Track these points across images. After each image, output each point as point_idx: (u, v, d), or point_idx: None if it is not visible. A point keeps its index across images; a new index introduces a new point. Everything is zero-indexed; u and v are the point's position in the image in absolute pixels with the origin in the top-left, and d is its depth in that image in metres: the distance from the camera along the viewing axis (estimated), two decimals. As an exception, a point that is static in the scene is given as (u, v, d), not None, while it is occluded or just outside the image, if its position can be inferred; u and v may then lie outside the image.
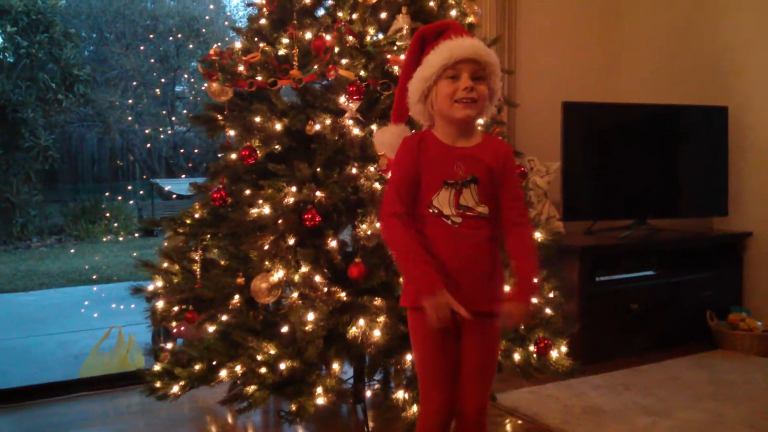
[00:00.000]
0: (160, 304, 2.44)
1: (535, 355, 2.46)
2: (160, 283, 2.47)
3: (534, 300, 1.72)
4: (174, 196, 11.09)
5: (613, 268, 3.69)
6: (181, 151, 12.71)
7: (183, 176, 11.93)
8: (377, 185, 2.25)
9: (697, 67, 4.21)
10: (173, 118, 12.96)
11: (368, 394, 2.51)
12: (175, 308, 2.43)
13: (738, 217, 4.04)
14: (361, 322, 2.15)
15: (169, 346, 2.60)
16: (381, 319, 2.16)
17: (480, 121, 2.48)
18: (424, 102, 1.64)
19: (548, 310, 2.58)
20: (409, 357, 2.20)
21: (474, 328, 1.65)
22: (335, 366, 2.22)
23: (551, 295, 2.61)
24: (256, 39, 2.49)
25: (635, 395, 2.98)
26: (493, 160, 1.63)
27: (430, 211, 1.61)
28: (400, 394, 2.22)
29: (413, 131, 1.79)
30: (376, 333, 2.14)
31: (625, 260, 3.78)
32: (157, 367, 2.48)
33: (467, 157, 1.62)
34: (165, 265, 2.49)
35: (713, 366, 3.40)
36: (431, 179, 1.61)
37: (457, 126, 1.63)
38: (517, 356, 2.44)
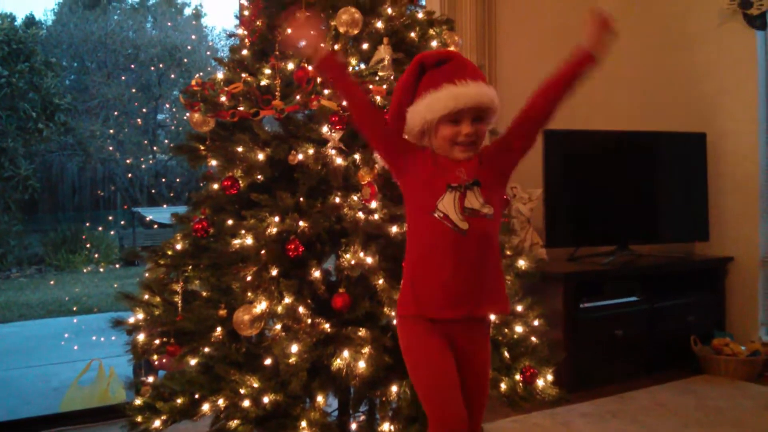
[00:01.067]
0: (140, 337, 2.40)
1: (521, 384, 2.44)
2: (141, 316, 2.43)
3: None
4: (155, 225, 11.00)
5: (596, 295, 3.69)
6: (163, 180, 12.65)
7: (165, 206, 11.86)
8: (360, 214, 2.24)
9: (675, 94, 4.28)
10: (155, 147, 12.92)
11: (353, 426, 2.47)
12: (156, 341, 2.39)
13: (719, 242, 4.08)
14: (346, 353, 2.12)
15: (151, 379, 2.55)
16: (366, 350, 2.13)
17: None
18: (422, 137, 1.66)
19: (534, 339, 2.56)
20: (395, 389, 2.17)
21: (468, 336, 1.64)
22: (320, 399, 2.19)
23: (536, 323, 2.59)
24: (238, 69, 2.48)
25: (622, 423, 2.97)
26: (488, 158, 1.65)
27: (436, 215, 1.60)
28: (386, 426, 2.18)
29: None
30: (361, 364, 2.11)
31: (608, 286, 3.79)
32: (138, 401, 2.42)
33: (468, 163, 1.63)
34: (146, 297, 2.45)
35: (699, 391, 3.40)
36: (436, 184, 1.61)
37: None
38: (503, 385, 2.42)
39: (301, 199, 2.28)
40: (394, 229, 2.24)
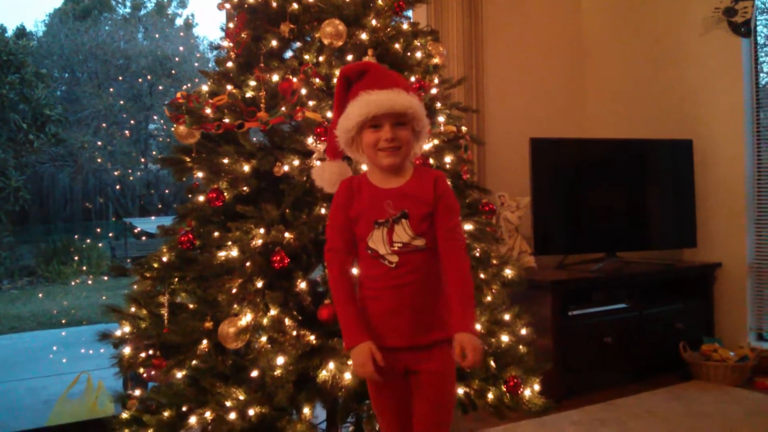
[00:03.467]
0: (127, 350, 2.39)
1: (507, 394, 2.44)
2: (127, 329, 2.42)
3: (477, 326, 1.70)
4: (144, 237, 10.98)
5: (585, 302, 3.70)
6: (152, 191, 12.64)
7: (152, 217, 11.83)
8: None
9: (662, 102, 4.31)
10: (142, 159, 12.91)
11: (341, 437, 2.47)
12: (143, 354, 2.38)
13: (707, 249, 4.10)
14: (331, 365, 2.12)
15: (138, 392, 2.54)
16: (351, 362, 2.13)
17: (447, 159, 2.51)
18: (351, 147, 1.69)
19: (521, 348, 2.56)
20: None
21: (426, 363, 1.66)
22: (306, 410, 2.18)
23: (523, 331, 2.60)
24: (223, 81, 2.49)
25: (611, 430, 2.97)
26: (425, 192, 1.65)
27: (368, 252, 1.65)
28: (373, 438, 2.18)
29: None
30: (347, 376, 2.11)
31: (597, 293, 3.80)
32: (125, 415, 2.42)
33: (397, 194, 1.66)
34: (132, 309, 2.45)
35: (688, 397, 3.41)
36: (365, 222, 1.65)
37: (386, 171, 1.68)
38: (490, 395, 2.42)
39: (287, 210, 2.28)
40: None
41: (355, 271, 2.02)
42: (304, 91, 2.29)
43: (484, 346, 1.67)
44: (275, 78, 2.38)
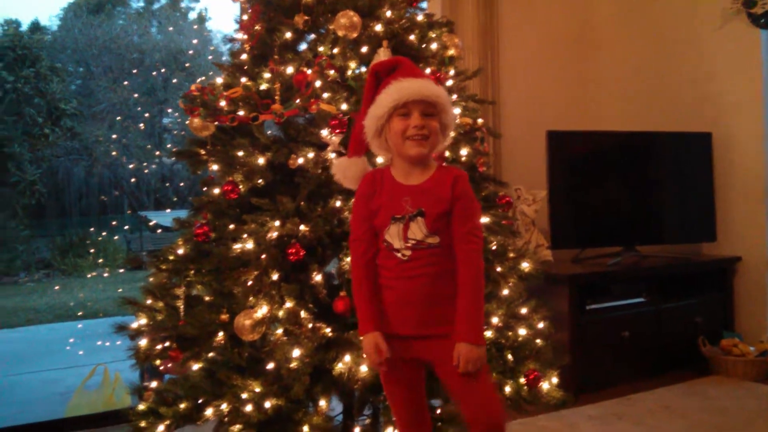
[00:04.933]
0: (143, 342, 2.40)
1: (525, 388, 2.42)
2: (143, 321, 2.43)
3: (482, 334, 1.69)
4: (159, 230, 11.04)
5: (602, 296, 3.66)
6: (167, 184, 12.70)
7: (168, 210, 11.90)
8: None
9: (680, 94, 4.25)
10: (157, 152, 12.98)
11: (357, 430, 2.46)
12: (159, 346, 2.38)
13: (727, 242, 4.04)
14: (347, 358, 2.12)
15: (154, 384, 2.55)
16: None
17: (463, 152, 2.49)
18: (379, 137, 1.71)
19: (538, 341, 2.55)
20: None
21: (437, 353, 1.68)
22: (322, 403, 2.18)
23: (540, 325, 2.58)
24: (237, 74, 2.48)
25: (628, 425, 2.94)
26: (443, 190, 1.67)
27: (385, 245, 1.68)
28: (390, 431, 2.17)
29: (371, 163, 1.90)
30: (363, 369, 2.10)
31: (614, 288, 3.76)
32: (141, 407, 2.43)
33: (416, 191, 1.68)
34: (149, 302, 2.45)
35: (706, 393, 3.37)
36: (384, 216, 1.68)
37: (411, 162, 1.69)
38: (507, 389, 2.41)
39: (302, 203, 2.28)
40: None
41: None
42: (318, 84, 2.27)
43: (484, 356, 1.67)
44: (290, 70, 2.36)
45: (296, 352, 2.13)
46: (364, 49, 2.44)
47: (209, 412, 2.29)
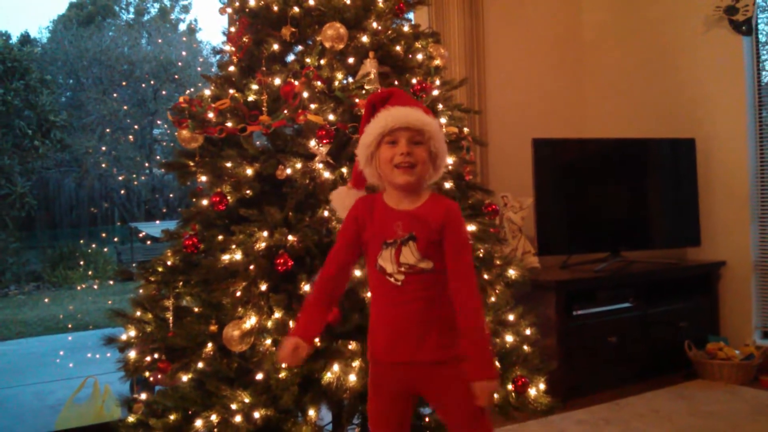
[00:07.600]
0: (132, 354, 2.40)
1: (513, 394, 2.44)
2: (132, 333, 2.44)
3: (495, 367, 1.70)
4: (149, 242, 11.01)
5: (589, 302, 3.70)
6: (157, 196, 12.67)
7: (158, 221, 11.87)
8: (349, 228, 2.25)
9: (664, 101, 4.31)
10: (147, 164, 12.95)
11: (346, 439, 2.48)
12: (148, 358, 2.39)
13: (711, 247, 4.09)
14: (336, 367, 2.13)
15: (144, 396, 2.55)
16: (356, 363, 2.14)
17: (449, 161, 2.51)
18: (370, 165, 1.70)
19: (525, 347, 2.57)
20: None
21: (437, 381, 1.67)
22: (311, 413, 2.19)
23: (528, 332, 2.60)
24: (225, 86, 2.50)
25: (616, 429, 2.97)
26: (435, 219, 1.65)
27: (377, 269, 1.67)
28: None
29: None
30: (352, 378, 2.12)
31: (601, 293, 3.79)
32: (131, 419, 2.43)
33: (408, 216, 1.66)
34: (137, 313, 2.46)
35: (693, 396, 3.41)
36: (375, 241, 1.67)
37: (401, 190, 1.68)
38: (495, 395, 2.43)
39: (290, 213, 2.30)
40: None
41: (358, 273, 2.04)
42: (306, 95, 2.30)
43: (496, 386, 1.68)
44: (277, 81, 2.39)
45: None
46: (351, 60, 2.48)
47: (199, 423, 2.29)
